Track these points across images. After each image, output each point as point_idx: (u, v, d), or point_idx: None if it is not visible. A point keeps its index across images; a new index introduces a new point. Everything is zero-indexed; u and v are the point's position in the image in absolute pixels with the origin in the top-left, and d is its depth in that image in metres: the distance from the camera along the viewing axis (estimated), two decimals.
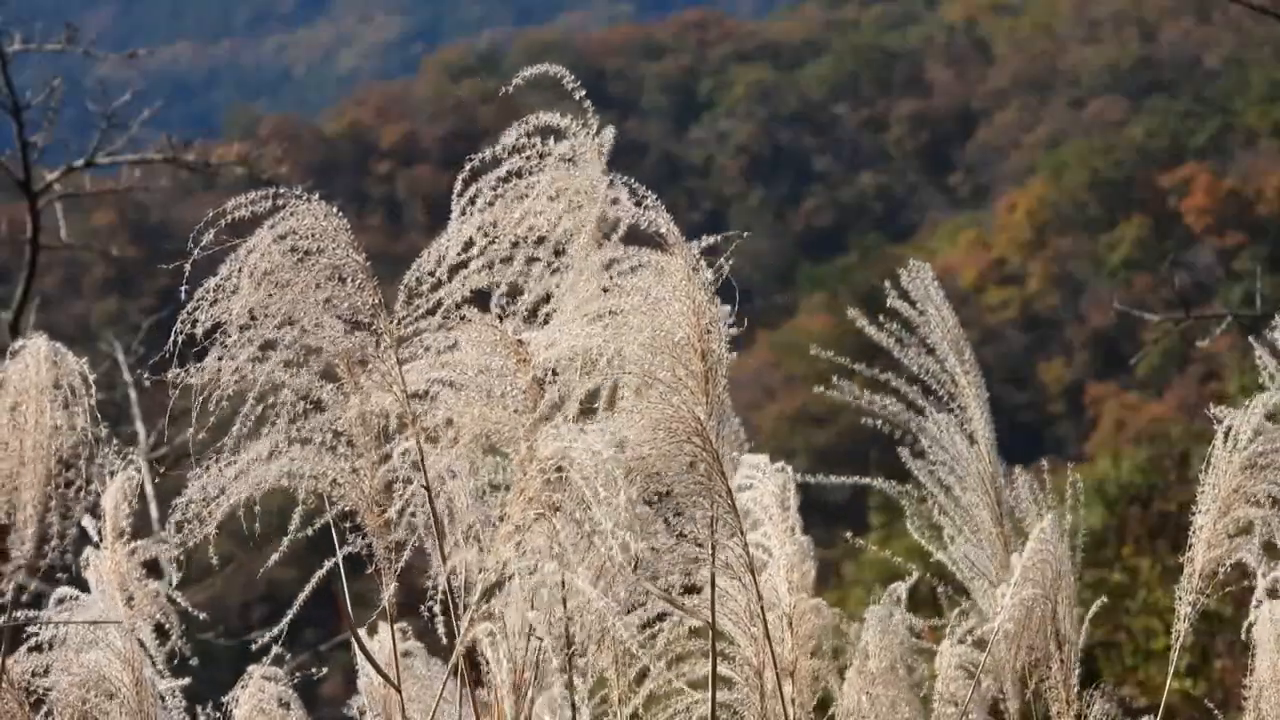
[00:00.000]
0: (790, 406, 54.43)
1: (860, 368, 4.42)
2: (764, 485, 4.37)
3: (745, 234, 3.82)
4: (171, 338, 3.43)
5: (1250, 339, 4.18)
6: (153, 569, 4.13)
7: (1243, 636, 4.03)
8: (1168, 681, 4.41)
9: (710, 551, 3.60)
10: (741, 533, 3.63)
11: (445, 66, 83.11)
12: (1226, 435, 4.11)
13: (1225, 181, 63.85)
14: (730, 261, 3.69)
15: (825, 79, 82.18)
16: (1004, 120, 76.85)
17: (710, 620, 3.72)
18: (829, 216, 75.36)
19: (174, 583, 4.08)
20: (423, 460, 3.60)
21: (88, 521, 4.12)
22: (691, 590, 3.74)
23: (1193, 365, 52.15)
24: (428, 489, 3.60)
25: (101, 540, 4.12)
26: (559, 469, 3.37)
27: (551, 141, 3.66)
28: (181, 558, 3.62)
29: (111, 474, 4.06)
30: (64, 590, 3.89)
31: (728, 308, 3.75)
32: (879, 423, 4.40)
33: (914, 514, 4.40)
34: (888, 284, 4.40)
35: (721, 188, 77.91)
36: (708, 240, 3.72)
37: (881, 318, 4.39)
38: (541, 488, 3.39)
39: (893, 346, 4.39)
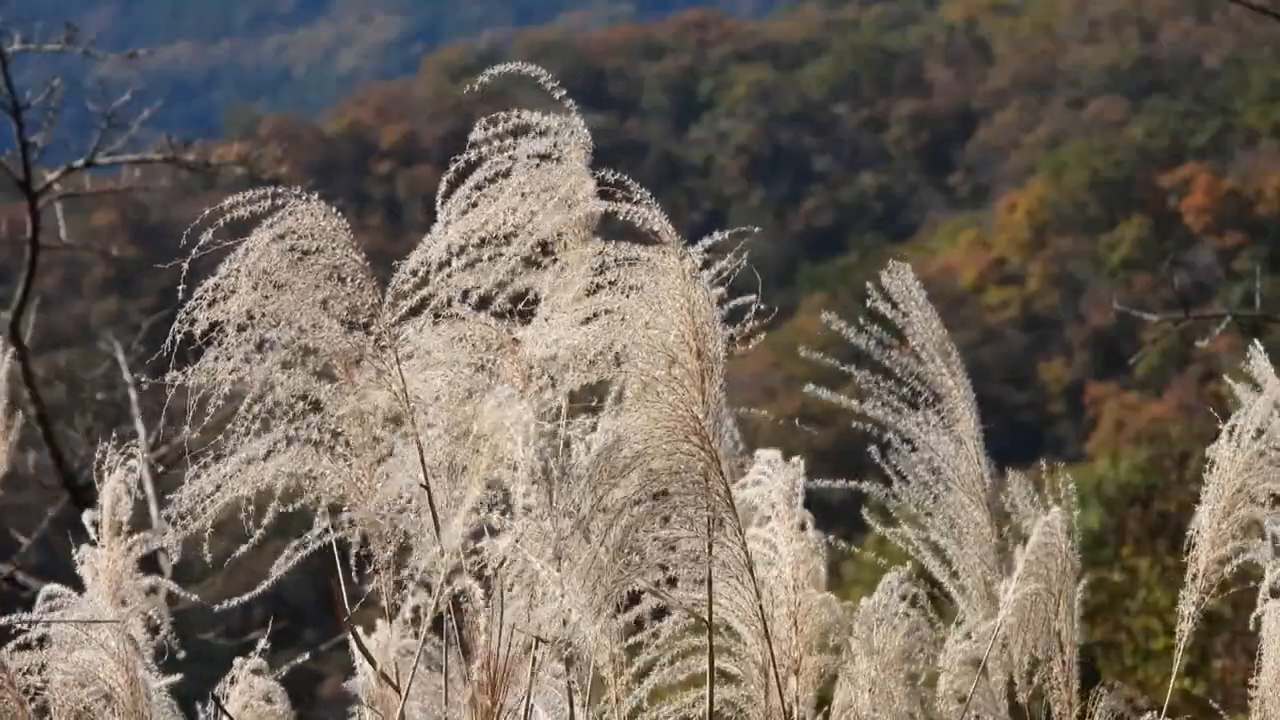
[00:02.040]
0: (790, 407, 54.41)
1: (853, 368, 4.38)
2: (772, 481, 4.35)
3: (756, 229, 3.80)
4: (169, 338, 3.42)
5: (1254, 343, 4.15)
6: (152, 567, 4.12)
7: (1250, 629, 4.01)
8: (1170, 682, 4.40)
9: (708, 551, 3.59)
10: (740, 532, 3.61)
11: (445, 66, 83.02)
12: (1230, 433, 4.09)
13: (1225, 181, 63.83)
14: (737, 259, 3.68)
15: (825, 79, 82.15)
16: (1004, 120, 76.82)
17: (709, 619, 3.71)
18: (829, 216, 75.32)
19: (167, 577, 4.06)
20: (422, 458, 3.59)
21: (86, 518, 4.11)
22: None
23: (1192, 365, 52.13)
24: (426, 487, 3.59)
25: (99, 537, 4.10)
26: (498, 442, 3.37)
27: (536, 139, 3.65)
28: (179, 556, 3.61)
29: (110, 470, 4.05)
30: (52, 588, 3.87)
31: (752, 296, 3.72)
32: (869, 425, 4.37)
33: (899, 515, 4.38)
34: (869, 285, 4.36)
35: (721, 188, 77.85)
36: (715, 237, 3.70)
37: (866, 320, 4.35)
38: (491, 465, 3.39)
39: (874, 350, 4.35)
